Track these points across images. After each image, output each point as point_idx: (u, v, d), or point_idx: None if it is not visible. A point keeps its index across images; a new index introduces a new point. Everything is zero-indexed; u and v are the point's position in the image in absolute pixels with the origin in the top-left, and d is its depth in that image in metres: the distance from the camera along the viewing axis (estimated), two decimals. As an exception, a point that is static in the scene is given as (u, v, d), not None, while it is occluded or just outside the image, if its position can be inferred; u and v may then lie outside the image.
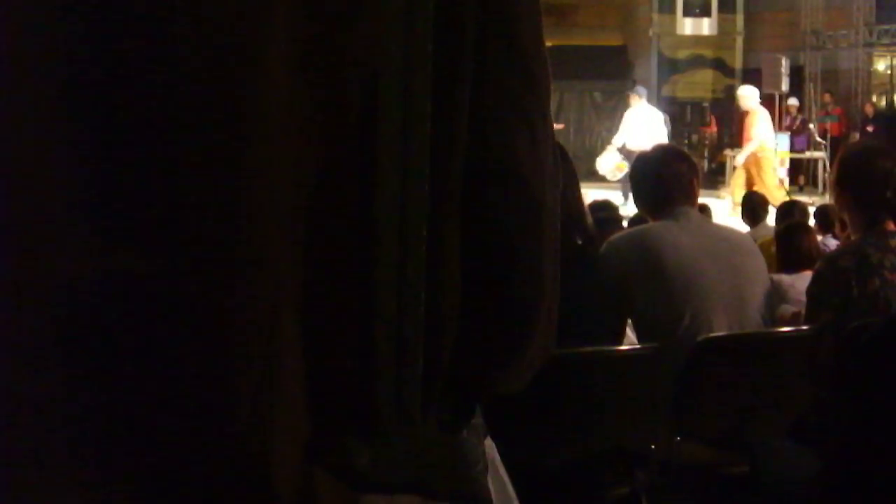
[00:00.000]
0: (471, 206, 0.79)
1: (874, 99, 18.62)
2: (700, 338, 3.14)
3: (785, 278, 4.50)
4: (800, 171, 17.21)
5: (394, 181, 0.74)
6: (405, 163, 0.74)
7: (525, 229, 0.82)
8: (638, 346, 3.19)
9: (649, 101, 14.23)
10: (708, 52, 19.99)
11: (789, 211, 7.27)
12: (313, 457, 0.75)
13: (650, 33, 19.63)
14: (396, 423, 0.74)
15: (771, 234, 5.89)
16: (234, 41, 0.72)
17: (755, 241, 4.57)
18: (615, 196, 9.49)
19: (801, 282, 4.29)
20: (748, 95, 13.15)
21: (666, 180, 3.45)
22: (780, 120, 16.68)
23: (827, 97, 18.10)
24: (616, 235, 3.59)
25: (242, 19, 0.72)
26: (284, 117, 0.73)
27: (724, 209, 11.96)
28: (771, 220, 7.68)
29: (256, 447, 0.73)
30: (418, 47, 0.74)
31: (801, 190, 16.36)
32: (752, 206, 8.14)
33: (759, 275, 3.51)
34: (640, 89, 13.75)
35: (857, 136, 16.78)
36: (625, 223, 5.99)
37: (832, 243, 6.02)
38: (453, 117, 0.77)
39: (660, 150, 3.82)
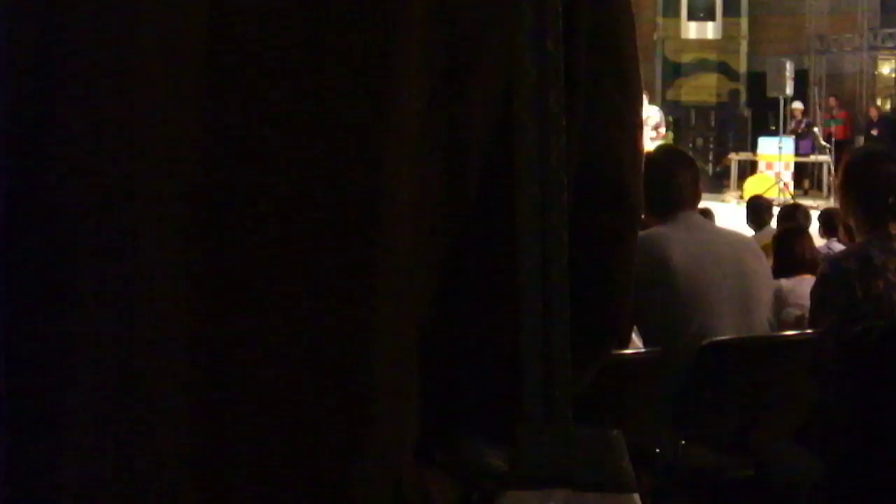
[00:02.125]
0: (574, 211, 0.81)
1: (878, 102, 18.62)
2: (705, 341, 3.14)
3: (785, 283, 4.50)
4: (804, 175, 17.22)
5: (534, 191, 0.76)
6: (544, 174, 0.77)
7: (623, 235, 0.87)
8: (643, 350, 3.19)
9: (653, 104, 14.25)
10: (712, 56, 19.99)
11: (791, 214, 7.27)
12: (429, 459, 0.78)
13: (654, 37, 19.63)
14: (546, 422, 0.76)
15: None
16: (371, 59, 0.74)
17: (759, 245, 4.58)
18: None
19: (800, 286, 4.29)
20: None
21: (669, 184, 3.45)
22: (784, 124, 16.68)
23: (832, 101, 18.09)
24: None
25: (380, 36, 0.74)
26: (418, 133, 0.76)
27: (730, 213, 11.95)
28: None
29: (393, 460, 0.76)
30: (551, 63, 0.77)
31: (805, 193, 16.36)
32: (757, 210, 8.13)
33: (764, 279, 3.51)
34: None
35: (861, 139, 16.78)
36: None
37: (837, 247, 6.02)
38: (570, 128, 0.79)
39: (662, 153, 3.81)
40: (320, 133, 0.74)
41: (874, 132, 16.89)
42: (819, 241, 6.41)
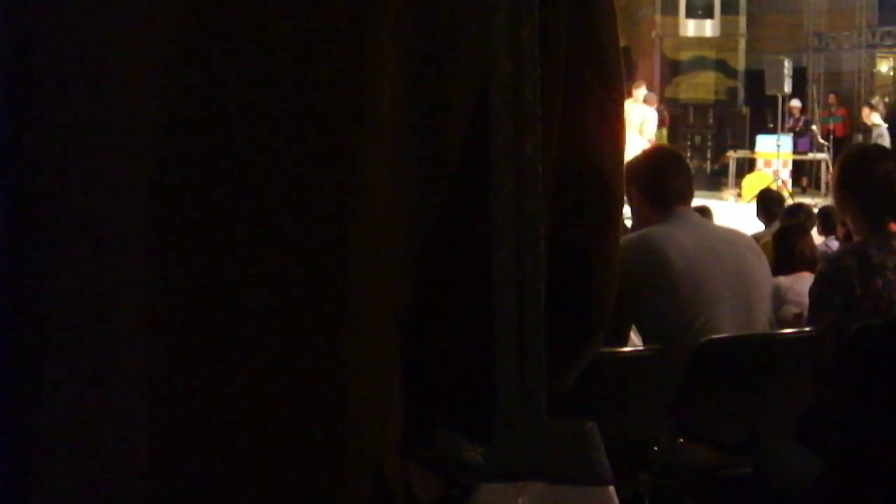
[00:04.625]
0: (554, 203, 0.81)
1: (876, 100, 18.58)
2: (703, 339, 3.14)
3: (783, 280, 4.49)
4: (802, 173, 17.21)
5: (509, 181, 0.76)
6: (519, 163, 0.76)
7: (605, 227, 0.87)
8: (641, 348, 3.19)
9: (652, 102, 14.25)
10: (710, 54, 19.97)
11: (794, 213, 7.27)
12: (408, 453, 0.78)
13: (653, 35, 19.62)
14: (520, 414, 0.76)
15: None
16: (344, 49, 0.74)
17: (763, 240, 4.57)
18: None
19: (799, 283, 4.29)
20: None
21: (662, 181, 3.43)
22: (782, 121, 16.67)
23: (832, 98, 18.05)
24: (619, 241, 3.55)
25: (354, 25, 0.74)
26: (394, 123, 0.75)
27: (728, 211, 11.94)
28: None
29: (375, 451, 0.75)
30: (526, 53, 0.76)
31: (803, 191, 16.35)
32: (768, 204, 8.10)
33: (763, 276, 3.50)
34: None
35: (860, 137, 16.75)
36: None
37: (834, 245, 6.02)
38: (548, 118, 0.79)
39: (651, 153, 3.80)
40: (290, 126, 0.73)
41: (877, 130, 16.80)
42: (817, 239, 6.40)
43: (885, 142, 13.65)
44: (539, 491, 0.74)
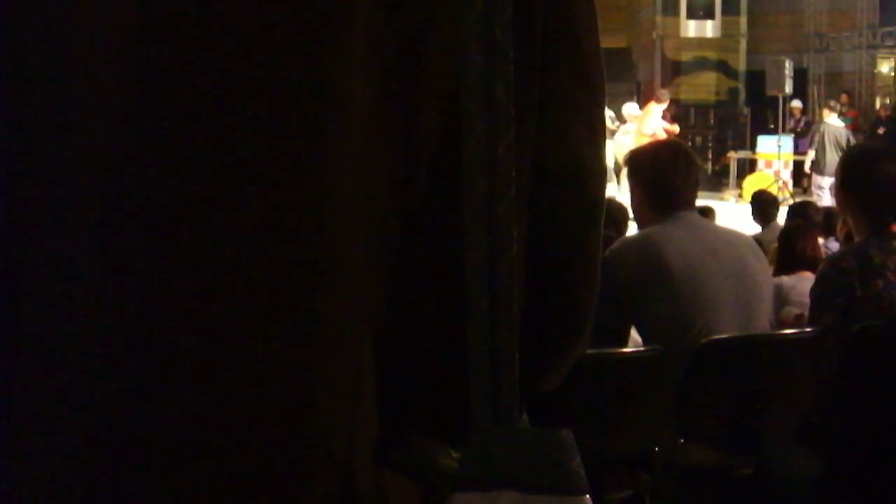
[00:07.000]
0: (533, 204, 0.81)
1: (877, 101, 18.56)
2: (704, 340, 3.14)
3: (786, 280, 4.49)
4: (803, 174, 17.19)
5: (481, 183, 0.75)
6: (492, 165, 0.75)
7: (584, 229, 0.86)
8: (642, 349, 3.19)
9: (663, 100, 14.28)
10: (711, 55, 19.97)
11: (801, 211, 7.24)
12: (384, 460, 0.77)
13: (654, 35, 19.62)
14: (493, 422, 0.75)
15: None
16: (313, 57, 0.73)
17: (765, 242, 4.55)
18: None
19: (801, 284, 4.29)
20: None
21: (670, 182, 3.39)
22: (783, 122, 16.66)
23: (844, 98, 17.88)
24: (618, 242, 3.54)
25: (323, 31, 0.73)
26: (366, 123, 0.74)
27: (729, 211, 11.94)
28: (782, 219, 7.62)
29: (344, 456, 0.75)
30: (499, 52, 0.75)
31: (804, 192, 16.34)
32: (762, 206, 8.08)
33: (764, 278, 3.50)
34: None
35: (861, 138, 16.72)
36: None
37: (834, 246, 6.02)
38: (524, 119, 0.78)
39: (664, 147, 3.74)
40: (258, 129, 0.72)
41: (880, 130, 16.77)
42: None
43: (834, 141, 13.86)
44: (512, 500, 0.73)
